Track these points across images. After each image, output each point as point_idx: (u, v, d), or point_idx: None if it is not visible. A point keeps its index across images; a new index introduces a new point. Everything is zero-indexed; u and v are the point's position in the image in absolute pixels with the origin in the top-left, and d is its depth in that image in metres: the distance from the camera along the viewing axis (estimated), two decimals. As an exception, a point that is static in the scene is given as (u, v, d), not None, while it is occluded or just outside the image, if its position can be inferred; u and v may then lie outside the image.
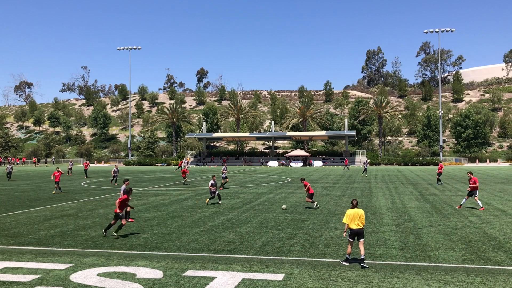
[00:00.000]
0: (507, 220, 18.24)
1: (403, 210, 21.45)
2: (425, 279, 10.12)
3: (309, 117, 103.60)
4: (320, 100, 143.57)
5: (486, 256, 12.28)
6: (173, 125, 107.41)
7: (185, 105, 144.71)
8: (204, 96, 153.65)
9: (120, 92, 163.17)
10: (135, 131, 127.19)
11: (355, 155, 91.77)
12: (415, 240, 14.34)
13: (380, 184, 37.29)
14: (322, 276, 10.45)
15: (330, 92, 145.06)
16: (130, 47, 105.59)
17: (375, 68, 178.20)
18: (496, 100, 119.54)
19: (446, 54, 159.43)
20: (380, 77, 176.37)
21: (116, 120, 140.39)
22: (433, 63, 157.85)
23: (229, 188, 34.24)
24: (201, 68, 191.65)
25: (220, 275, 10.54)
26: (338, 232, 15.62)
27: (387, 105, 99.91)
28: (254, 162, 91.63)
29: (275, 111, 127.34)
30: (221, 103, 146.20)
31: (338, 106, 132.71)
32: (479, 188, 32.69)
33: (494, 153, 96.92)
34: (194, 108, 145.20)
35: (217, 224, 17.61)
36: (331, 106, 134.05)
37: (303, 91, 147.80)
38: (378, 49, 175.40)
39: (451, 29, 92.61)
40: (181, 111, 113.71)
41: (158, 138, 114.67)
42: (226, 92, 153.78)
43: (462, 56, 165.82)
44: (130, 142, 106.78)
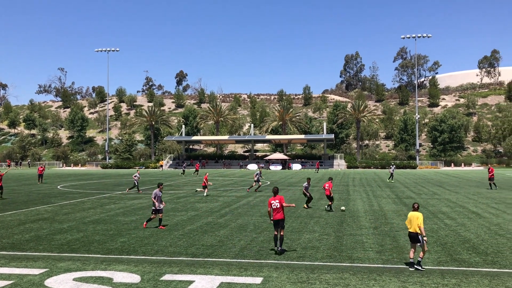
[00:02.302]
0: (481, 222, 18.62)
1: (380, 213, 21.70)
2: (402, 281, 10.25)
3: (288, 121, 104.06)
4: (299, 104, 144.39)
5: (460, 258, 12.51)
6: (152, 128, 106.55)
7: (164, 108, 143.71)
8: (183, 99, 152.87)
9: (98, 95, 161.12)
10: (113, 134, 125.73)
11: (333, 158, 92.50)
12: (392, 243, 14.52)
13: (357, 187, 37.65)
14: (300, 279, 10.49)
15: (309, 96, 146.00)
16: (108, 49, 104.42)
17: (353, 72, 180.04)
18: (471, 105, 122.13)
19: (422, 59, 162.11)
20: (358, 82, 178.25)
21: (94, 122, 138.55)
22: (410, 68, 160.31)
23: (209, 191, 34.10)
24: (181, 71, 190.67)
25: (198, 279, 10.49)
26: (317, 235, 15.71)
27: (365, 109, 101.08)
28: (234, 165, 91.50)
29: (254, 114, 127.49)
30: (200, 106, 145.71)
31: (317, 110, 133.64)
32: (455, 192, 33.30)
33: (468, 157, 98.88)
34: (173, 111, 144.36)
35: (195, 228, 17.53)
36: (310, 110, 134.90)
37: (283, 94, 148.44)
38: (356, 54, 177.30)
39: (427, 35, 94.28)
40: (160, 114, 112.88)
41: (136, 141, 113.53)
42: (206, 95, 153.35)
43: (438, 61, 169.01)
44: (108, 145, 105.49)
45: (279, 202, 13.01)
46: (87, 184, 43.27)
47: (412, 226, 11.52)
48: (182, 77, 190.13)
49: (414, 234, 11.48)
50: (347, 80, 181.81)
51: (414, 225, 11.46)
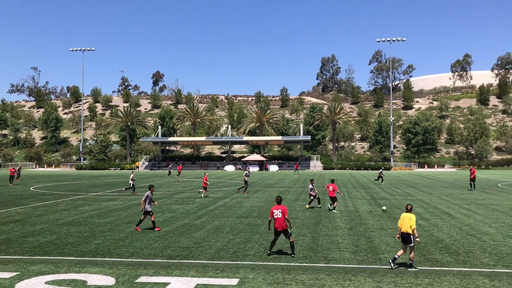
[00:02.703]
0: (453, 223, 19.02)
1: (355, 213, 21.95)
2: (376, 281, 10.40)
3: (265, 122, 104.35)
4: (277, 106, 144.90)
5: (433, 258, 12.75)
6: (127, 128, 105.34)
7: (140, 109, 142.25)
8: (159, 99, 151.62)
9: (73, 95, 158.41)
10: (87, 135, 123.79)
11: (309, 159, 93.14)
12: (367, 243, 14.71)
13: (334, 189, 37.94)
14: (277, 280, 10.54)
15: (286, 97, 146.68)
16: (83, 49, 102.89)
17: (330, 75, 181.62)
18: (444, 108, 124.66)
19: (397, 62, 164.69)
20: (334, 84, 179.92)
21: (68, 123, 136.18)
22: (384, 71, 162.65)
23: (185, 193, 33.95)
24: (157, 71, 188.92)
25: (174, 281, 10.43)
26: (293, 236, 15.76)
27: (341, 112, 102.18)
28: (211, 166, 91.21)
29: (232, 115, 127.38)
30: (177, 107, 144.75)
31: (294, 111, 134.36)
32: (428, 193, 33.94)
33: (441, 159, 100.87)
34: (150, 112, 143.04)
35: (171, 230, 17.41)
36: (287, 112, 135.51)
37: (260, 96, 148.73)
38: (332, 56, 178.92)
39: (402, 39, 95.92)
40: (136, 115, 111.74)
41: (111, 142, 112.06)
42: (183, 96, 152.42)
43: (412, 65, 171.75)
44: (82, 145, 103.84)
45: (282, 212, 12.81)
46: (61, 186, 42.51)
47: (404, 227, 11.69)
48: (158, 77, 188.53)
49: (405, 234, 11.65)
50: (323, 82, 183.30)
51: (406, 226, 11.64)
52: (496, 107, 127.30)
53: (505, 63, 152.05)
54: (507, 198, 29.47)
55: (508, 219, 19.92)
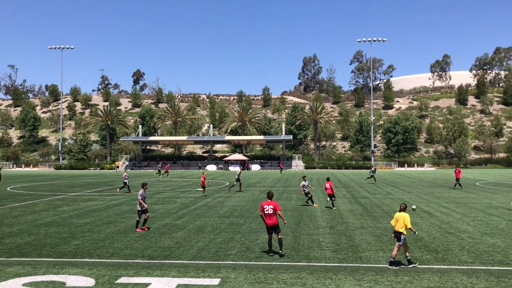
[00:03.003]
0: (433, 221, 19.28)
1: (336, 212, 22.09)
2: (357, 280, 10.47)
3: (247, 122, 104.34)
4: (259, 105, 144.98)
5: (413, 256, 12.88)
6: (107, 127, 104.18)
7: (120, 108, 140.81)
8: (140, 98, 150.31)
9: (51, 93, 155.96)
10: (66, 134, 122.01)
11: (291, 159, 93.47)
12: (348, 242, 14.81)
13: (315, 188, 38.13)
14: (258, 279, 10.53)
15: (268, 97, 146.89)
16: (62, 47, 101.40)
17: (311, 74, 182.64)
18: (424, 108, 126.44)
19: (377, 62, 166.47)
20: (316, 84, 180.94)
21: (47, 122, 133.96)
22: (365, 71, 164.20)
23: (166, 193, 33.73)
24: (138, 70, 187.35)
25: (155, 282, 10.34)
26: (274, 235, 15.76)
27: (322, 111, 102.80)
28: (192, 166, 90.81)
29: (213, 115, 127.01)
30: (158, 106, 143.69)
31: (276, 111, 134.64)
32: (408, 191, 34.35)
33: (421, 158, 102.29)
34: (130, 111, 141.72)
35: (152, 230, 17.27)
36: (269, 111, 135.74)
37: (242, 95, 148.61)
38: (314, 56, 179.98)
39: (382, 39, 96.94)
40: (116, 114, 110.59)
41: (91, 141, 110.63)
42: (164, 95, 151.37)
43: (392, 65, 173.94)
44: (61, 145, 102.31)
45: (273, 208, 12.74)
46: (39, 186, 41.82)
47: (397, 226, 11.79)
48: (139, 76, 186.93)
49: (397, 233, 11.77)
50: (305, 82, 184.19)
51: (400, 225, 11.73)
52: (474, 107, 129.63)
53: (483, 64, 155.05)
54: (484, 197, 30.01)
55: (485, 217, 20.28)
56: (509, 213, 21.58)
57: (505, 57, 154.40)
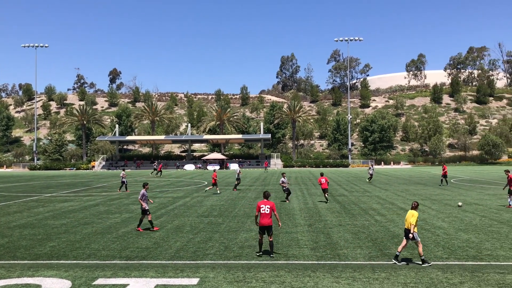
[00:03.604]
0: (408, 218, 19.57)
1: (314, 210, 22.25)
2: (335, 277, 10.57)
3: (226, 121, 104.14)
4: (237, 104, 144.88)
5: (390, 252, 13.09)
6: (83, 127, 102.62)
7: (96, 107, 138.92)
8: (117, 97, 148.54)
9: (25, 92, 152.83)
10: (41, 134, 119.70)
11: (270, 158, 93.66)
12: (326, 240, 14.93)
13: (293, 186, 38.33)
14: (237, 278, 10.54)
15: (247, 96, 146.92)
16: (36, 45, 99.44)
17: (289, 73, 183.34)
18: (399, 106, 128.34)
19: (354, 62, 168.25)
20: (293, 83, 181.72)
21: (20, 121, 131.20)
22: (342, 70, 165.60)
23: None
24: (114, 69, 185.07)
25: (133, 282, 10.25)
26: (253, 234, 15.82)
27: (300, 110, 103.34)
28: (170, 165, 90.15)
29: (191, 114, 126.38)
30: (135, 105, 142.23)
31: (254, 110, 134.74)
32: (385, 189, 34.82)
33: (397, 156, 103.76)
34: (106, 110, 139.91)
35: (130, 230, 17.10)
36: (247, 110, 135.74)
37: (220, 94, 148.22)
38: (292, 55, 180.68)
39: (359, 38, 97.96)
40: (92, 113, 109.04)
41: (66, 141, 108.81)
42: (141, 94, 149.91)
43: (369, 64, 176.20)
44: (36, 145, 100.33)
45: (270, 208, 12.60)
46: (13, 187, 40.95)
47: (406, 223, 11.99)
48: (115, 75, 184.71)
49: (406, 230, 11.97)
50: (283, 81, 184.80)
51: (408, 222, 11.91)
52: (448, 105, 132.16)
53: (457, 63, 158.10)
54: (459, 193, 30.62)
55: (460, 214, 20.70)
56: (482, 209, 22.07)
57: (478, 57, 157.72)
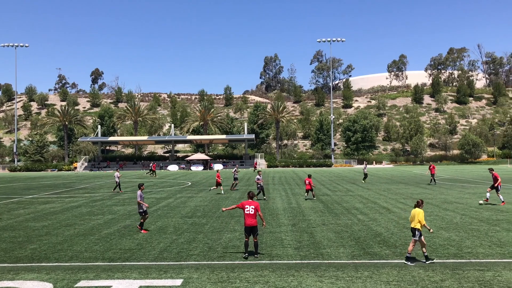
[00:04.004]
0: (391, 217, 19.80)
1: (298, 210, 22.34)
2: (318, 276, 10.64)
3: (209, 121, 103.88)
4: (221, 104, 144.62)
5: (372, 251, 13.22)
6: (65, 128, 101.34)
7: (78, 107, 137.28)
8: (99, 98, 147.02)
9: (5, 93, 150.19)
10: (22, 135, 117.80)
11: (254, 158, 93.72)
12: (309, 239, 15.02)
13: (277, 186, 38.45)
14: (221, 278, 10.54)
15: (230, 96, 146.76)
16: (16, 44, 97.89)
17: (273, 74, 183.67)
18: (381, 106, 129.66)
19: (337, 62, 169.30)
20: (277, 83, 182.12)
21: (0, 122, 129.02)
22: (325, 70, 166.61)
23: (126, 194, 33.14)
24: (96, 69, 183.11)
25: (116, 284, 10.17)
26: (237, 234, 15.82)
27: (284, 110, 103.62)
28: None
29: (175, 114, 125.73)
30: (117, 105, 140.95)
31: (238, 110, 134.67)
32: (367, 188, 35.13)
33: (379, 155, 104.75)
34: (89, 111, 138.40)
35: (112, 232, 16.96)
36: (231, 110, 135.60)
37: (204, 94, 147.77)
38: (275, 56, 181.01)
39: (341, 39, 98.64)
40: (74, 114, 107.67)
41: (48, 142, 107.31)
42: (123, 94, 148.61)
43: (351, 64, 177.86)
44: (16, 146, 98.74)
45: (255, 208, 12.54)
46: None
47: (413, 223, 12.01)
48: (97, 75, 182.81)
49: (412, 229, 11.99)
50: (266, 81, 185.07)
51: (415, 221, 11.93)
52: (429, 105, 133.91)
53: (437, 64, 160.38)
54: (440, 192, 31.06)
55: (441, 212, 21.00)
56: (463, 208, 22.43)
57: (457, 58, 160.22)
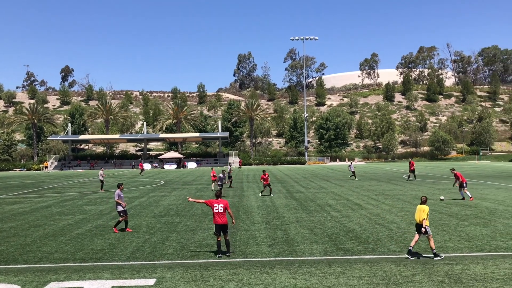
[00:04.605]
0: (363, 213, 20.08)
1: (272, 207, 22.42)
2: (292, 273, 10.70)
3: (183, 119, 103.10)
4: (194, 102, 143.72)
5: (345, 247, 13.37)
6: (34, 126, 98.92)
7: (47, 105, 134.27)
8: (69, 95, 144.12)
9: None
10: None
11: (228, 156, 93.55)
12: (283, 236, 15.08)
13: (251, 184, 38.50)
14: (195, 277, 10.48)
15: (204, 94, 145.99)
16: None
17: (246, 72, 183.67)
18: (354, 104, 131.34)
19: (310, 60, 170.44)
20: (251, 81, 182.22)
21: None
22: (298, 69, 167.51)
23: (97, 193, 32.61)
24: (66, 66, 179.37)
25: (87, 285, 10.00)
26: (211, 233, 15.75)
27: (258, 108, 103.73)
28: (125, 165, 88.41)
29: (147, 112, 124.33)
30: (88, 103, 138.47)
31: (211, 108, 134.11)
32: (340, 185, 35.52)
33: (352, 153, 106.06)
34: (58, 109, 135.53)
35: (84, 232, 16.66)
36: (205, 108, 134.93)
37: (177, 92, 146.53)
38: (249, 53, 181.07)
39: (314, 38, 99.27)
40: (43, 112, 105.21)
41: (16, 141, 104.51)
42: (94, 92, 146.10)
43: (324, 63, 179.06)
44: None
45: (223, 206, 12.43)
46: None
47: (417, 218, 12.17)
48: (67, 72, 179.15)
49: (418, 225, 12.15)
50: (240, 79, 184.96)
51: (419, 217, 12.10)
52: (400, 103, 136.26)
53: (408, 62, 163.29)
54: (410, 188, 31.65)
55: (412, 208, 21.39)
56: (433, 203, 22.90)
57: (428, 56, 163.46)
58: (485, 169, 57.62)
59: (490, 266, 11.04)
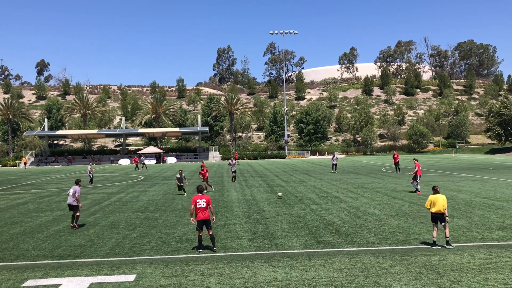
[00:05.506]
0: (343, 206, 20.27)
1: (252, 202, 22.47)
2: (273, 266, 10.75)
3: (162, 113, 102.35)
4: (173, 96, 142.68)
5: (325, 240, 13.49)
6: (9, 122, 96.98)
7: (23, 100, 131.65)
8: (45, 90, 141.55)
9: None
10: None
11: (208, 150, 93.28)
12: (264, 230, 15.14)
13: (228, 178, 38.44)
14: (175, 272, 10.45)
15: (183, 88, 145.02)
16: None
17: (226, 66, 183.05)
18: (333, 98, 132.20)
19: (290, 55, 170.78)
20: (231, 75, 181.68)
21: None
22: (278, 63, 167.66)
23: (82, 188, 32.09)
24: (42, 60, 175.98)
25: (66, 282, 9.87)
26: (192, 228, 15.71)
27: (238, 102, 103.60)
28: (104, 160, 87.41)
29: (126, 107, 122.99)
30: (65, 98, 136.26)
31: (191, 102, 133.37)
32: (320, 179, 35.78)
33: (331, 146, 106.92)
34: (34, 103, 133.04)
35: (62, 228, 16.43)
36: (184, 103, 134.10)
37: (155, 86, 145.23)
38: (228, 47, 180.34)
39: (294, 32, 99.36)
40: (19, 107, 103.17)
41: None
42: (71, 86, 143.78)
43: (303, 57, 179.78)
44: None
45: (206, 201, 12.41)
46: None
47: (436, 207, 12.21)
48: (43, 66, 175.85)
49: (439, 214, 12.21)
50: (220, 73, 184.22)
51: (439, 207, 12.16)
52: (379, 97, 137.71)
53: (386, 56, 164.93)
54: (389, 181, 32.07)
55: (390, 201, 21.70)
56: (410, 196, 23.26)
57: (405, 50, 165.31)
58: (461, 161, 58.73)
59: (466, 256, 11.28)
